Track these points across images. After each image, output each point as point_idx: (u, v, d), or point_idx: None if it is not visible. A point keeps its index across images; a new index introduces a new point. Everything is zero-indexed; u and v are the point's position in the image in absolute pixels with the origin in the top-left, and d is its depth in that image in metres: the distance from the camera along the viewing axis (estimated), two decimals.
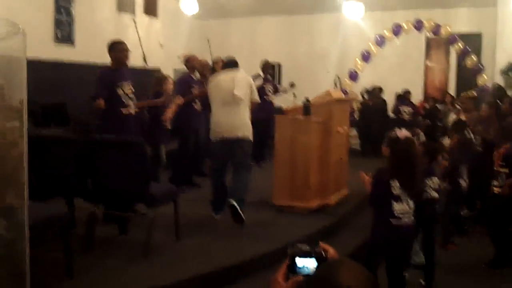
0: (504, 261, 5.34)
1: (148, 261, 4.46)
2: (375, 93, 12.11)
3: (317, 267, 1.59)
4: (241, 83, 5.70)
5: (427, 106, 12.15)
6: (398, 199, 3.86)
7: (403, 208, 3.88)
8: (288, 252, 1.64)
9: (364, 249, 4.51)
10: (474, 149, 6.67)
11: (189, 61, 7.46)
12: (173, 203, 5.05)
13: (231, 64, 5.95)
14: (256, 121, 6.17)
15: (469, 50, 12.20)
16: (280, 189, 6.36)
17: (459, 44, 12.26)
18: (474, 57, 12.19)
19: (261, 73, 9.47)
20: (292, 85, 9.98)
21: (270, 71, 10.09)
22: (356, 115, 12.33)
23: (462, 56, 12.41)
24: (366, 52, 12.75)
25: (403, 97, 11.67)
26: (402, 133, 4.00)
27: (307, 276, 1.59)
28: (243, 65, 6.15)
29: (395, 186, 3.86)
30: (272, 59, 12.47)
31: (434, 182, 4.78)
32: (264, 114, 8.32)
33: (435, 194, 4.77)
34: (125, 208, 5.13)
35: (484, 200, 6.56)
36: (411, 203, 3.92)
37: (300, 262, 1.62)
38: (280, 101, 10.21)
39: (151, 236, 4.63)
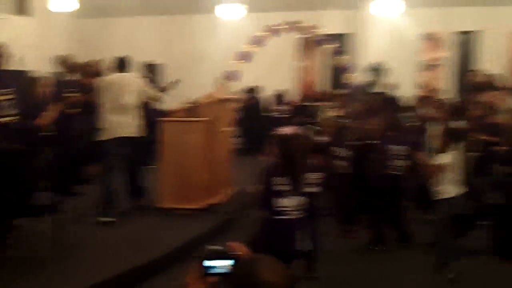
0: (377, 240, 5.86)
1: (26, 278, 4.20)
2: (254, 92, 12.40)
3: (232, 266, 1.61)
4: (131, 87, 5.72)
5: (302, 104, 12.65)
6: (284, 195, 3.93)
7: (289, 204, 3.95)
8: (198, 255, 1.65)
9: (253, 245, 4.62)
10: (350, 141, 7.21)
11: (66, 63, 7.12)
12: (53, 214, 4.80)
13: (121, 65, 5.88)
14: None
15: (339, 50, 12.96)
16: (166, 191, 6.31)
17: (330, 45, 12.98)
18: (343, 57, 12.98)
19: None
20: (176, 82, 9.81)
21: (151, 73, 9.91)
22: (237, 114, 12.52)
23: (332, 55, 13.15)
24: (243, 52, 13.01)
25: (280, 96, 12.11)
26: (287, 130, 4.09)
27: (223, 276, 1.61)
28: None
29: (281, 183, 3.92)
30: (152, 60, 12.29)
31: (315, 177, 5.00)
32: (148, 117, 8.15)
33: (317, 189, 5.00)
34: (2, 220, 4.78)
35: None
36: (297, 198, 3.99)
37: (213, 263, 1.64)
38: (163, 103, 10.05)
39: (30, 250, 4.38)
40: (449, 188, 5.00)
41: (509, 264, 5.32)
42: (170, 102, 9.22)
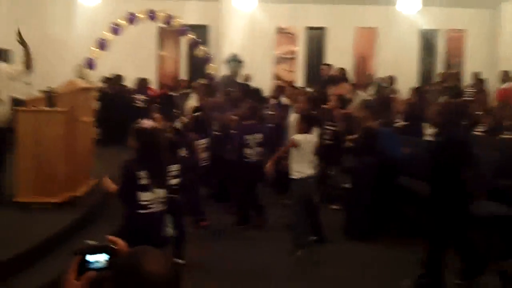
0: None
1: None
2: (115, 80, 12.08)
3: (112, 260, 1.59)
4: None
5: (164, 94, 12.61)
6: (146, 189, 3.96)
7: (151, 197, 3.98)
8: (75, 250, 1.62)
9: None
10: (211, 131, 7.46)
11: None
12: None
13: None
14: None
15: (199, 41, 13.12)
16: (24, 185, 5.97)
17: (190, 35, 13.09)
18: (203, 48, 13.17)
19: None
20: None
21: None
22: (96, 104, 12.12)
23: (192, 46, 13.27)
24: (101, 40, 12.61)
25: (139, 86, 11.98)
26: (147, 123, 4.17)
27: (103, 271, 1.59)
28: None
29: (143, 177, 3.95)
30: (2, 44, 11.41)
31: (175, 168, 5.08)
32: None
33: (176, 180, 5.11)
34: None
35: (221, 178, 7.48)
36: (159, 191, 4.05)
37: (91, 258, 1.60)
38: (16, 92, 9.39)
39: None
40: (302, 168, 5.36)
41: (359, 243, 5.85)
42: (26, 90, 8.71)
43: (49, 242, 5.08)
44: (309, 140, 5.40)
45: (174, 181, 5.03)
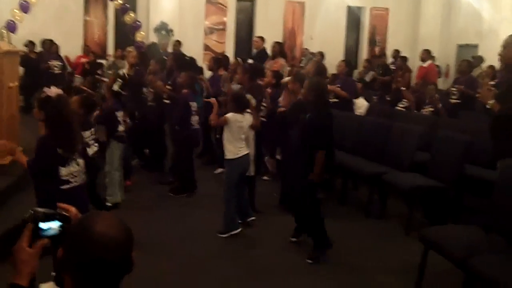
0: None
1: None
2: (45, 46, 11.57)
3: (63, 227, 1.59)
4: None
5: (90, 61, 12.25)
6: (65, 162, 3.70)
7: (72, 170, 3.74)
8: (27, 218, 1.59)
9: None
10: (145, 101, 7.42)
11: None
12: None
13: None
14: None
15: (128, 7, 12.76)
16: None
17: (118, 1, 12.69)
18: (132, 14, 12.82)
19: None
20: None
21: None
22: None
23: (120, 12, 12.88)
24: (24, 2, 11.96)
25: (52, 50, 11.63)
26: (53, 91, 3.82)
27: (55, 238, 1.58)
28: None
29: (60, 150, 3.66)
30: None
31: (91, 134, 5.01)
32: None
33: (94, 148, 5.05)
34: None
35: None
36: (79, 161, 3.80)
37: (44, 225, 1.59)
38: None
39: None
40: (235, 147, 5.27)
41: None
42: None
43: None
44: (240, 119, 5.26)
45: (93, 148, 4.97)
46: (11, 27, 11.70)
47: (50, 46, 11.67)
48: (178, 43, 11.53)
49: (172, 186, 6.70)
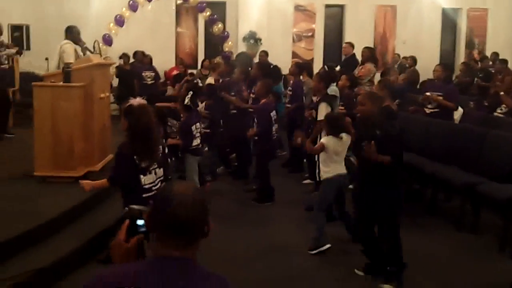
0: None
1: None
2: (137, 57, 12.09)
3: None
4: None
5: (181, 72, 12.60)
6: (145, 171, 3.75)
7: (153, 179, 3.79)
8: (124, 215, 1.74)
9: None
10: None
11: None
12: None
13: None
14: None
15: (216, 18, 13.02)
16: (42, 159, 6.02)
17: (207, 12, 13.00)
18: (220, 25, 13.07)
19: None
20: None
21: (18, 33, 9.23)
22: (113, 81, 12.18)
23: (209, 23, 13.18)
24: (119, 16, 12.59)
25: (146, 61, 12.04)
26: (136, 100, 3.88)
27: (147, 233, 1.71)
28: None
29: (140, 160, 3.71)
30: (18, 20, 11.41)
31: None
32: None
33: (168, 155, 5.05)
34: None
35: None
36: (158, 170, 3.85)
37: (141, 222, 1.73)
38: (35, 67, 9.52)
39: None
40: (330, 168, 5.02)
41: None
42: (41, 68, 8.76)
43: (68, 214, 5.15)
44: (337, 144, 4.98)
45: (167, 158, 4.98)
46: (107, 40, 12.32)
47: (142, 57, 12.14)
48: (264, 53, 11.55)
49: (254, 196, 6.68)
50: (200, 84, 7.14)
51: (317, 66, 10.99)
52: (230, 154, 8.06)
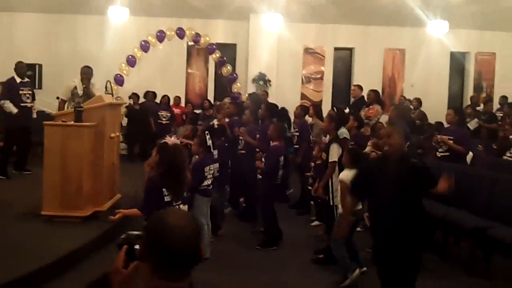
0: None
1: None
2: (148, 97, 12.23)
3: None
4: None
5: (193, 112, 12.75)
6: (170, 205, 3.96)
7: None
8: (122, 241, 1.72)
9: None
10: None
11: None
12: None
13: None
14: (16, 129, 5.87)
15: (225, 59, 13.20)
16: (50, 198, 6.03)
17: (217, 54, 13.20)
18: (229, 66, 13.25)
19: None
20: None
21: (31, 72, 9.39)
22: (123, 120, 12.29)
23: (219, 64, 13.36)
24: (131, 56, 12.80)
25: (163, 102, 12.21)
26: (171, 140, 4.15)
27: None
28: None
29: (168, 193, 3.98)
30: (31, 59, 11.62)
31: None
32: (23, 120, 8.18)
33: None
34: None
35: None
36: (183, 207, 4.07)
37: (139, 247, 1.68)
38: (45, 105, 9.64)
39: None
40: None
41: None
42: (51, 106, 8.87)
43: (73, 256, 5.11)
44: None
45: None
46: (119, 80, 12.50)
47: (153, 98, 12.28)
48: (265, 93, 11.79)
49: (260, 240, 6.57)
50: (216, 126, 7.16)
51: (326, 108, 11.02)
52: (239, 196, 8.01)
